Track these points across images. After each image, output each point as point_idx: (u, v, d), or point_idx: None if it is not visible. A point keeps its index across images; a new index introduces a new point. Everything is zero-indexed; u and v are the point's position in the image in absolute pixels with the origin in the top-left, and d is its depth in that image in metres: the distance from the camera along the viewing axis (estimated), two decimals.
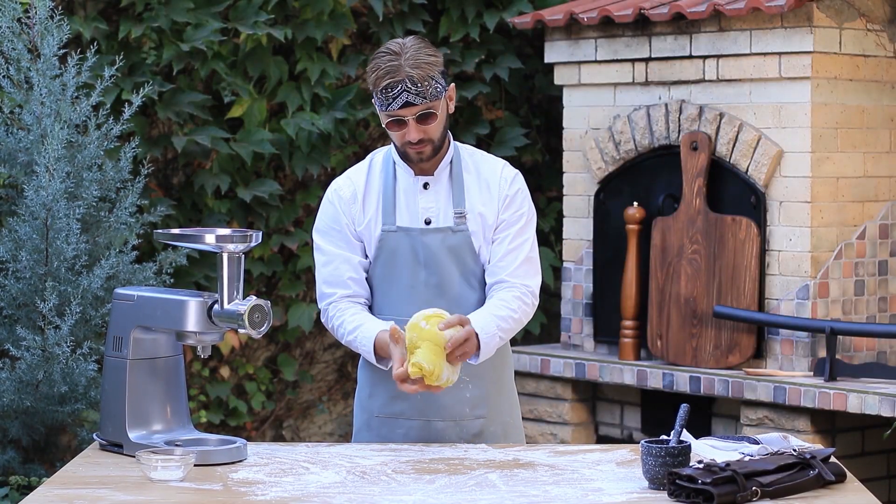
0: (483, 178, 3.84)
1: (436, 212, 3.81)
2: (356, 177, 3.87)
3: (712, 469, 3.14)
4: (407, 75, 3.66)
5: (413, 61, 3.67)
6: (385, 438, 3.89)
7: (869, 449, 5.79)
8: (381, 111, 3.72)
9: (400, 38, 3.75)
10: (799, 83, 5.63)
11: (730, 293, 5.77)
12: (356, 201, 3.83)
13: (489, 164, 3.87)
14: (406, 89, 3.66)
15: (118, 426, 3.60)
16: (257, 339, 6.70)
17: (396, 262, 3.82)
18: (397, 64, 3.66)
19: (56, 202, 4.89)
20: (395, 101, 3.67)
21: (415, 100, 3.68)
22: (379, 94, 3.69)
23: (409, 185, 3.82)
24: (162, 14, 6.18)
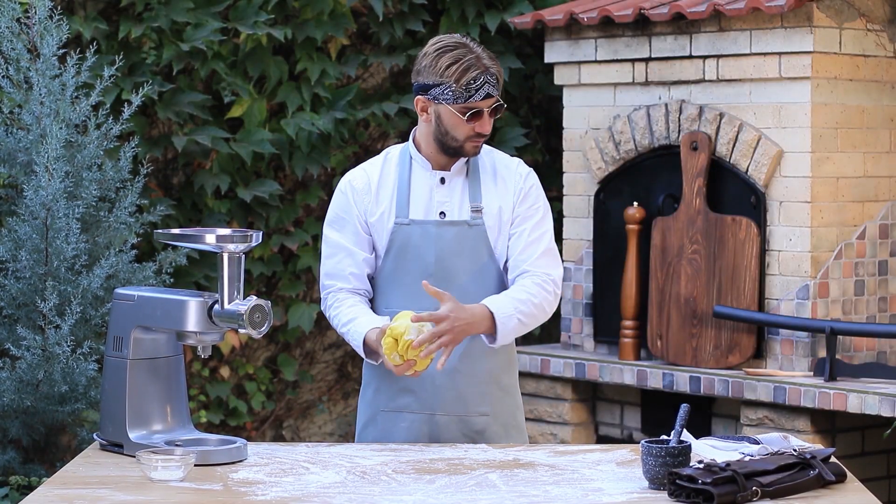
0: (499, 173, 3.87)
1: (451, 206, 3.83)
2: (370, 169, 3.89)
3: (712, 469, 3.14)
4: (487, 68, 3.72)
5: (488, 55, 3.74)
6: (389, 433, 3.91)
7: (869, 449, 5.79)
8: (458, 103, 3.73)
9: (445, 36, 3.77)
10: (799, 83, 5.63)
11: (730, 293, 5.77)
12: (369, 192, 3.85)
13: (504, 160, 3.91)
14: (487, 81, 3.72)
15: (118, 426, 3.60)
16: (257, 339, 6.70)
17: (408, 255, 3.83)
18: (476, 56, 3.71)
19: (56, 202, 4.89)
20: (477, 93, 3.72)
21: (494, 91, 3.74)
22: (458, 88, 3.70)
23: (426, 180, 3.85)
24: (162, 14, 6.18)
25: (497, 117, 3.80)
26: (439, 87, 3.73)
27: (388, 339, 3.62)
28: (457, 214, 3.83)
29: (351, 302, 3.86)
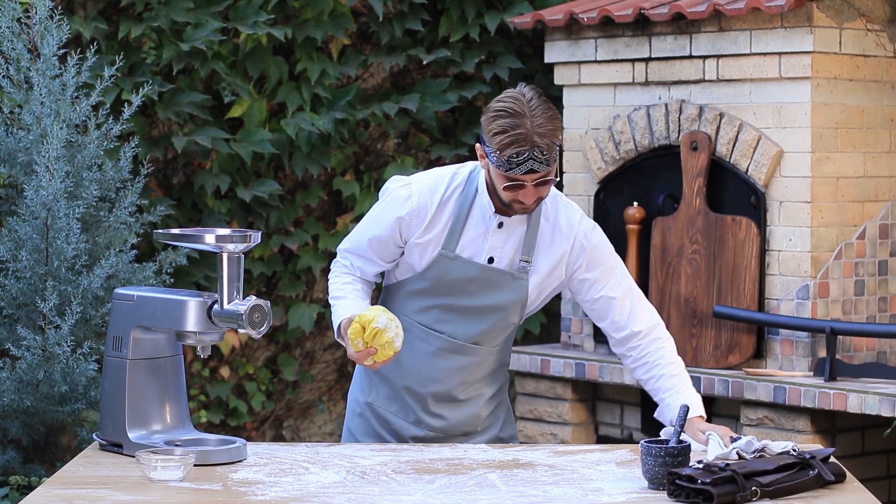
0: (559, 230, 3.77)
1: (501, 253, 3.75)
2: (430, 192, 3.76)
3: (712, 469, 3.14)
4: (535, 145, 3.55)
5: (541, 129, 3.55)
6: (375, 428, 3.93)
7: (869, 449, 5.79)
8: (500, 171, 3.60)
9: (517, 92, 3.61)
10: (799, 83, 5.63)
11: (730, 293, 5.77)
12: (422, 218, 3.75)
13: (567, 217, 3.79)
14: (532, 157, 3.55)
15: (118, 426, 3.60)
16: (257, 339, 6.70)
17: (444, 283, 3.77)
18: (525, 132, 3.54)
19: (56, 202, 4.89)
20: (518, 167, 3.57)
21: (539, 168, 3.57)
22: (501, 158, 3.56)
23: (483, 220, 3.74)
24: (162, 14, 6.18)
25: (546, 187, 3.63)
26: (488, 147, 3.60)
27: (355, 324, 3.61)
28: (506, 263, 3.76)
29: (347, 280, 3.84)
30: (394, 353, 3.63)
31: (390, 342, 3.61)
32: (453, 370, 3.83)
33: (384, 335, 3.60)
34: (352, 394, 4.02)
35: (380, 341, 3.60)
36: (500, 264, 3.75)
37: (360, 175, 6.82)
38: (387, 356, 3.62)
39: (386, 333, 3.60)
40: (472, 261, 3.75)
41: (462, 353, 3.82)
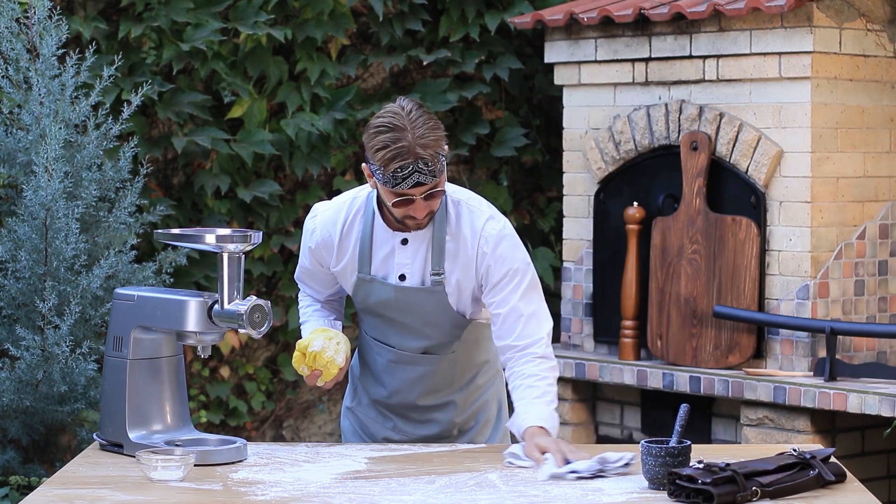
0: (462, 240, 3.69)
1: (412, 269, 3.72)
2: (331, 222, 3.76)
3: (712, 469, 3.14)
4: (418, 156, 3.50)
5: (423, 140, 3.51)
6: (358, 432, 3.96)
7: (869, 449, 5.79)
8: (387, 188, 3.56)
9: (397, 106, 3.57)
10: (799, 83, 5.63)
11: (730, 293, 5.77)
12: (330, 247, 3.76)
13: (470, 223, 3.70)
14: (417, 170, 3.51)
15: (118, 426, 3.60)
16: (257, 339, 6.69)
17: (370, 302, 3.78)
18: (406, 145, 3.49)
19: (55, 202, 4.89)
20: (404, 182, 3.52)
21: (426, 179, 3.53)
22: (386, 174, 3.52)
23: (387, 239, 3.72)
24: (162, 14, 6.18)
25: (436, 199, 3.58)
26: (373, 165, 3.57)
27: (296, 353, 3.72)
28: (417, 279, 3.72)
29: (308, 302, 3.94)
30: (338, 369, 3.70)
31: (331, 361, 3.69)
32: (411, 380, 3.83)
33: (323, 356, 3.69)
34: (345, 397, 4.07)
35: (321, 363, 3.69)
36: (413, 280, 3.72)
37: (360, 175, 6.82)
38: (332, 374, 3.70)
39: (325, 354, 3.69)
40: (386, 282, 3.74)
41: (415, 363, 3.82)
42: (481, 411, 3.93)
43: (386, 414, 3.91)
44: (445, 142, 3.59)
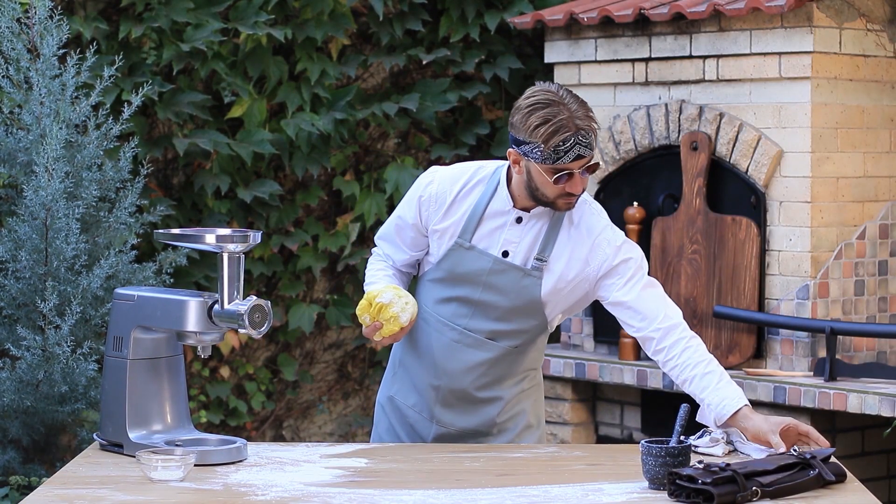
0: (579, 233, 3.73)
1: (517, 248, 3.73)
2: (454, 180, 3.78)
3: (712, 469, 3.14)
4: (578, 128, 3.55)
5: (580, 112, 3.56)
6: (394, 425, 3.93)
7: (869, 449, 5.79)
8: (545, 164, 3.58)
9: (543, 87, 3.61)
10: (799, 83, 5.63)
11: (730, 293, 5.77)
12: (441, 204, 3.76)
13: (591, 222, 3.74)
14: (578, 142, 3.55)
15: (118, 426, 3.60)
16: (257, 339, 6.70)
17: (457, 273, 3.77)
18: (566, 117, 3.54)
19: (55, 202, 4.89)
20: (566, 155, 3.56)
21: (585, 152, 3.57)
22: (547, 149, 3.55)
23: (502, 213, 3.73)
24: (162, 14, 6.18)
25: (592, 174, 3.65)
26: (528, 144, 3.58)
27: (363, 301, 3.70)
28: (520, 258, 3.73)
29: (380, 266, 3.89)
30: (399, 328, 3.69)
31: (395, 317, 3.67)
32: (469, 365, 3.80)
33: (389, 310, 3.67)
34: (380, 390, 4.04)
35: (385, 315, 3.67)
36: (515, 259, 3.73)
37: (360, 175, 6.82)
38: (392, 331, 3.68)
39: (391, 308, 3.67)
40: (486, 252, 3.74)
41: (477, 347, 3.79)
42: (521, 415, 3.90)
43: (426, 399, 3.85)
44: None
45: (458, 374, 3.81)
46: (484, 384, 3.82)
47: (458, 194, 3.76)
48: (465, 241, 3.75)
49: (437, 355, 3.82)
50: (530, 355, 3.87)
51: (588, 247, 3.72)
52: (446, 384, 3.83)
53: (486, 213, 3.74)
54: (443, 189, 3.77)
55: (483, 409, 3.84)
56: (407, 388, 3.91)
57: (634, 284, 3.71)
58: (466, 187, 3.76)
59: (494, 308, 3.76)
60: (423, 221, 3.79)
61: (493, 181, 3.75)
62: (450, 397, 3.84)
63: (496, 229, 3.73)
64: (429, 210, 3.77)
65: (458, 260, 3.76)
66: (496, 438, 3.88)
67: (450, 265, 3.77)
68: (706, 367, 3.67)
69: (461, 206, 3.75)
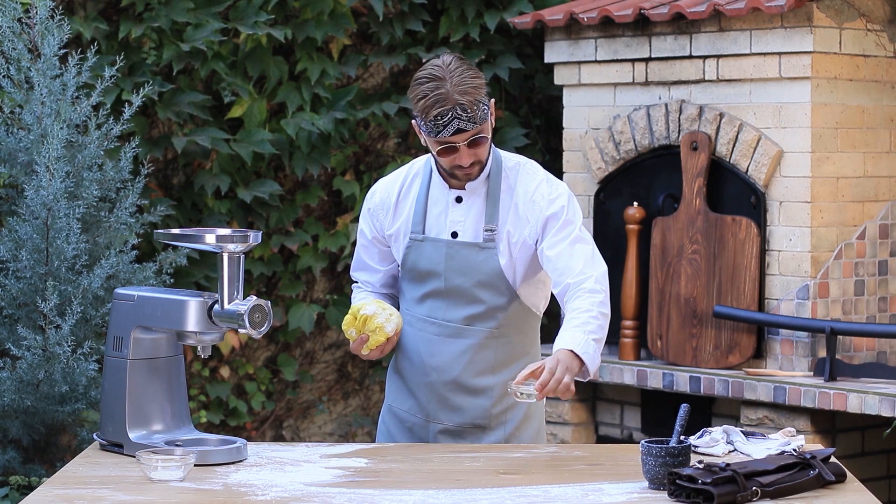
0: (518, 201, 3.79)
1: (464, 226, 3.80)
2: (392, 183, 3.91)
3: (712, 469, 3.15)
4: (457, 102, 3.64)
5: (461, 87, 3.65)
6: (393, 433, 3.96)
7: (869, 449, 5.79)
8: (430, 137, 3.69)
9: (438, 60, 3.71)
10: (799, 83, 5.64)
11: (730, 293, 5.77)
12: (388, 208, 3.88)
13: (528, 187, 3.80)
14: (457, 116, 3.64)
15: (118, 426, 3.60)
16: (257, 339, 6.70)
17: (420, 269, 3.84)
18: (445, 91, 3.64)
19: (56, 202, 4.89)
20: (445, 129, 3.66)
21: (466, 126, 3.66)
22: (427, 122, 3.66)
23: (442, 197, 3.83)
24: (162, 14, 6.18)
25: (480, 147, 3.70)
26: (417, 118, 3.72)
27: (348, 315, 3.79)
28: (470, 235, 3.80)
29: (360, 296, 3.98)
30: (385, 338, 3.77)
31: (381, 327, 3.76)
32: (454, 355, 3.84)
33: (374, 320, 3.76)
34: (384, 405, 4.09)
35: (370, 326, 3.76)
36: (465, 237, 3.80)
37: (360, 175, 6.82)
38: (378, 341, 3.77)
39: (375, 319, 3.76)
40: (438, 238, 3.82)
41: (458, 335, 3.84)
42: (518, 407, 3.92)
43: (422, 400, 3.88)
44: (486, 91, 3.72)
45: (445, 366, 3.85)
46: (474, 372, 3.84)
47: (399, 194, 3.88)
48: (418, 235, 3.84)
49: (424, 352, 3.88)
50: (516, 340, 3.88)
51: (526, 205, 3.79)
52: (437, 378, 3.87)
53: (429, 201, 3.84)
54: (384, 195, 3.90)
55: (476, 400, 3.85)
56: (403, 393, 3.95)
57: (561, 240, 3.75)
58: (405, 185, 3.88)
59: (462, 292, 3.82)
60: (379, 232, 3.91)
61: (426, 171, 3.87)
62: (443, 391, 3.86)
63: (440, 214, 3.83)
64: (379, 219, 3.90)
65: (418, 255, 3.84)
66: (494, 432, 3.88)
67: (412, 262, 3.86)
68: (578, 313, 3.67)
69: (405, 204, 3.87)
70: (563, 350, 3.60)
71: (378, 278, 3.98)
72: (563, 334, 3.65)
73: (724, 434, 3.63)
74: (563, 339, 3.63)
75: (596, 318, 3.67)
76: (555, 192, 3.79)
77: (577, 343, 3.61)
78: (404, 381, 3.94)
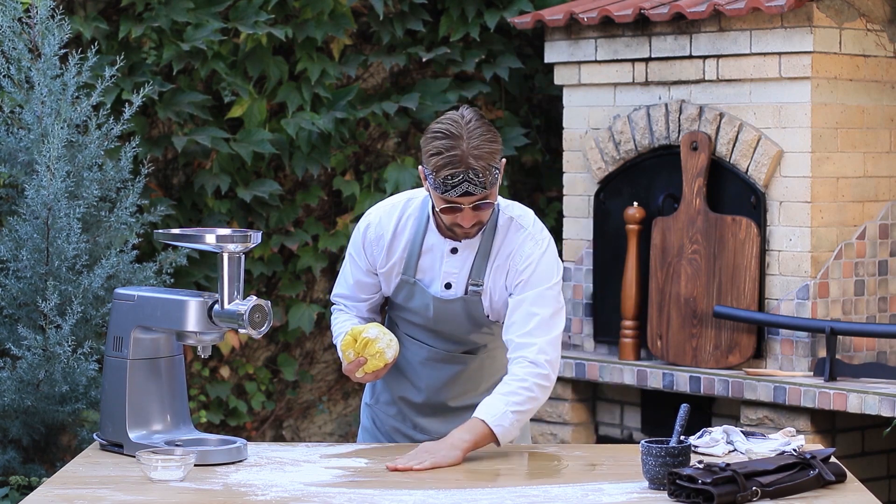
0: (503, 253, 3.73)
1: (458, 278, 3.76)
2: (386, 220, 3.80)
3: (712, 469, 3.15)
4: (469, 166, 3.53)
5: (477, 151, 3.53)
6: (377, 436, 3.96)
7: (869, 449, 5.79)
8: (436, 193, 3.59)
9: (458, 114, 3.60)
10: (799, 83, 5.64)
11: (730, 293, 5.77)
12: (381, 245, 3.79)
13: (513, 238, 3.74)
14: (468, 179, 3.54)
15: (118, 426, 3.60)
16: (257, 339, 6.70)
17: (411, 304, 3.81)
18: (460, 153, 3.53)
19: (57, 201, 4.89)
20: (453, 190, 3.56)
21: (475, 190, 3.56)
22: (437, 180, 3.56)
23: (438, 245, 3.76)
24: (162, 14, 6.18)
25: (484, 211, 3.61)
26: (426, 169, 3.61)
27: (347, 336, 3.71)
28: (461, 288, 3.75)
29: (344, 318, 3.89)
30: (384, 364, 3.70)
31: (381, 353, 3.69)
32: (445, 380, 3.85)
33: (375, 345, 3.69)
34: (363, 400, 4.07)
35: (370, 351, 3.68)
36: (458, 290, 3.75)
37: (360, 175, 6.82)
38: (376, 367, 3.70)
39: (377, 343, 3.69)
40: (429, 288, 3.77)
41: (451, 361, 3.85)
42: None
43: (406, 413, 3.91)
44: (500, 155, 3.61)
45: (434, 390, 3.86)
46: (461, 395, 3.85)
47: (394, 231, 3.78)
48: (410, 278, 3.78)
49: (412, 373, 3.88)
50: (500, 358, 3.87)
51: (509, 260, 3.72)
52: (423, 399, 3.88)
53: (423, 248, 3.76)
54: (380, 231, 3.79)
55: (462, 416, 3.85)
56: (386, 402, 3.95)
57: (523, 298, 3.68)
58: (401, 223, 3.78)
59: (449, 334, 3.81)
60: (371, 264, 3.82)
61: (423, 215, 3.77)
62: (429, 409, 3.89)
63: (434, 262, 3.76)
64: (373, 253, 3.80)
65: (408, 294, 3.80)
66: None
67: (402, 299, 3.82)
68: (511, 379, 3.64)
69: (399, 243, 3.78)
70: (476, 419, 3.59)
71: (364, 306, 3.90)
72: (487, 400, 3.63)
73: (724, 434, 3.63)
74: (483, 406, 3.62)
75: (528, 390, 3.64)
76: (536, 251, 3.72)
77: (493, 414, 3.59)
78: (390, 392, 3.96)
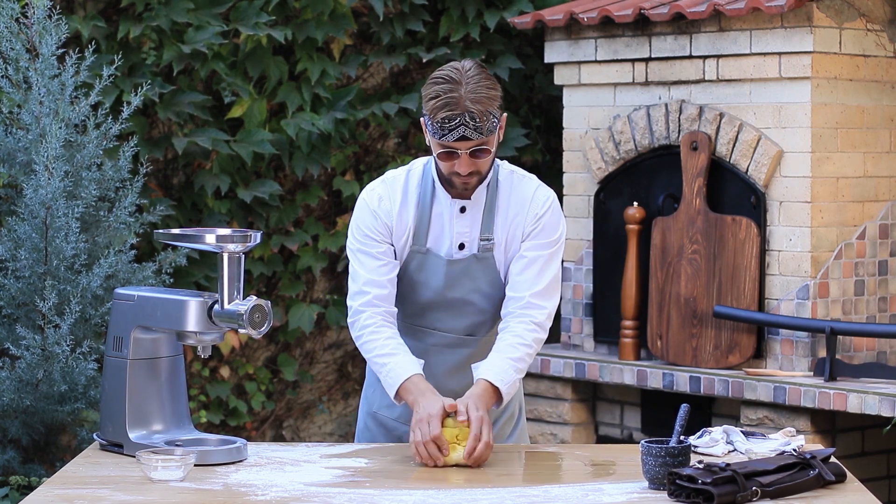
0: (512, 206, 3.75)
1: (470, 237, 3.75)
2: (392, 190, 3.78)
3: (712, 469, 3.14)
4: (466, 110, 3.55)
5: (474, 94, 3.56)
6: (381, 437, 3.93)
7: (869, 449, 5.79)
8: (434, 139, 3.61)
9: (459, 63, 3.63)
10: (799, 83, 5.63)
11: (730, 293, 5.77)
12: (390, 217, 3.76)
13: (523, 191, 3.77)
14: (464, 123, 3.56)
15: (118, 426, 3.60)
16: (257, 339, 6.69)
17: (419, 278, 3.79)
18: (457, 96, 3.55)
19: (55, 201, 4.89)
20: (450, 133, 3.57)
21: (472, 135, 3.57)
22: (434, 123, 3.57)
23: (446, 208, 3.75)
24: (162, 14, 6.18)
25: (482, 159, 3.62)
26: (425, 116, 3.62)
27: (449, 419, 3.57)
28: (476, 246, 3.75)
29: (388, 333, 3.74)
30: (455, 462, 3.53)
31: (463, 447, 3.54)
32: (451, 366, 3.83)
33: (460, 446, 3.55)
34: (360, 407, 4.03)
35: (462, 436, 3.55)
36: (472, 248, 3.76)
37: (361, 175, 6.82)
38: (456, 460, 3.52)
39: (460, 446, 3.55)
40: (440, 251, 3.76)
41: (458, 346, 3.83)
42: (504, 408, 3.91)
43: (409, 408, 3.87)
44: (499, 103, 3.63)
45: (441, 377, 3.81)
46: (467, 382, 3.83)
47: (401, 202, 3.77)
48: (422, 247, 3.77)
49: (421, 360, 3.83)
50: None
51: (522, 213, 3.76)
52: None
53: (433, 215, 3.76)
54: (389, 203, 3.76)
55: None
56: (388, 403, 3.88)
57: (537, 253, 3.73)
58: (406, 191, 3.77)
59: (463, 303, 3.79)
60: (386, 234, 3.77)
61: (426, 182, 3.77)
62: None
63: (445, 227, 3.76)
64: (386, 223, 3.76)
65: (419, 264, 3.78)
66: None
67: (414, 268, 3.78)
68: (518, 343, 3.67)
69: (407, 213, 3.76)
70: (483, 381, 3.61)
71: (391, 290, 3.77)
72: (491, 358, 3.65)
73: (724, 434, 3.63)
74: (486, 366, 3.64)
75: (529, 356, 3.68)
76: (551, 196, 3.79)
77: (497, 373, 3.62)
78: None
